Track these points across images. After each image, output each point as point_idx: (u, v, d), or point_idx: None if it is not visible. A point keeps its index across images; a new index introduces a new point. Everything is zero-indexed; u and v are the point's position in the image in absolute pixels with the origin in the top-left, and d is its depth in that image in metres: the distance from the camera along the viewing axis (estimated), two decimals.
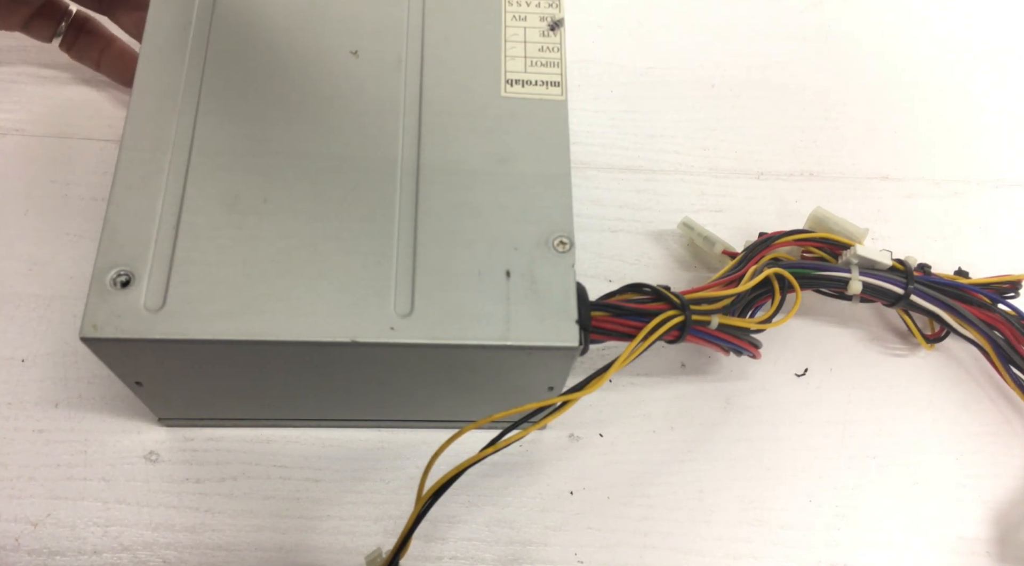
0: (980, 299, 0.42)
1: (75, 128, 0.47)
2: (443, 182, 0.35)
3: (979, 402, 0.44)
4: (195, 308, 0.32)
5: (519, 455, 0.41)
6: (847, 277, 0.41)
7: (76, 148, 0.46)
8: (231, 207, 0.34)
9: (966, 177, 0.52)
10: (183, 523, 0.38)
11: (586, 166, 0.49)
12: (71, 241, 0.44)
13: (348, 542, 0.38)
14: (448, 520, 0.39)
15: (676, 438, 0.42)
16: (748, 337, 0.39)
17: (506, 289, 0.33)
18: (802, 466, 0.42)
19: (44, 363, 0.41)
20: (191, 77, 0.36)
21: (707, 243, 0.45)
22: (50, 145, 0.46)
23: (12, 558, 0.37)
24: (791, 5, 0.58)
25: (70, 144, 0.46)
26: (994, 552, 0.41)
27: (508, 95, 0.38)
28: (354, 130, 0.36)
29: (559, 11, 0.40)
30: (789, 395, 0.44)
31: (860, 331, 0.46)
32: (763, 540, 0.40)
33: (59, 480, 0.38)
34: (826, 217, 0.44)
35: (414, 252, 0.34)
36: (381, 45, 0.38)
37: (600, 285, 0.44)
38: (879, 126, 0.53)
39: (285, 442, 0.40)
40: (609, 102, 0.52)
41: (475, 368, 0.35)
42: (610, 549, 0.39)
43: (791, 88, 0.54)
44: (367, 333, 0.32)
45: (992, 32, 0.58)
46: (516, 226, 0.35)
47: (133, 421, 0.40)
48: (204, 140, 0.35)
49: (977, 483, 0.42)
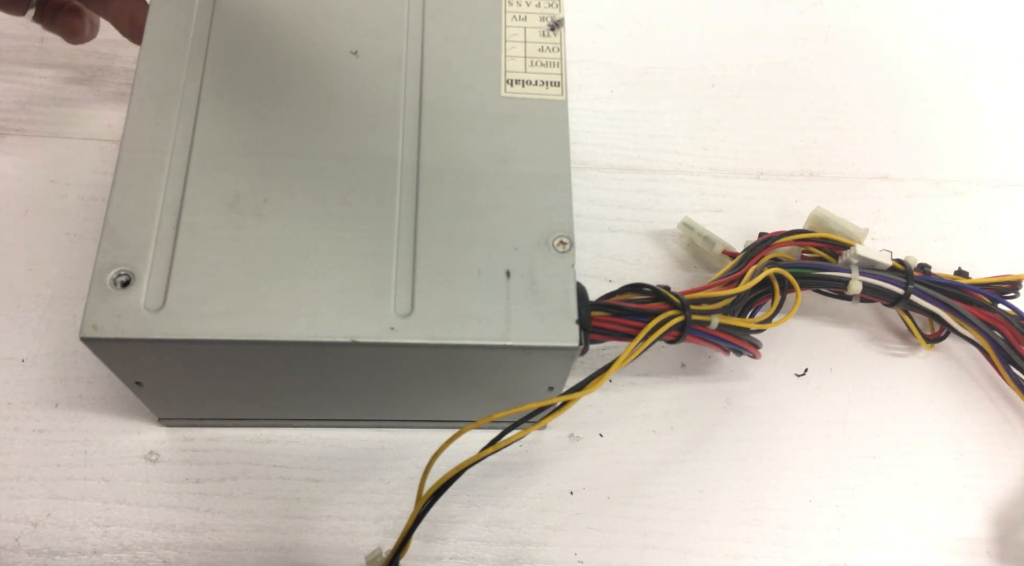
0: (980, 299, 0.42)
1: (75, 128, 0.47)
2: (443, 182, 0.35)
3: (979, 402, 0.44)
4: (195, 308, 0.32)
5: (519, 455, 0.41)
6: (847, 277, 0.41)
7: (76, 148, 0.46)
8: (231, 207, 0.34)
9: (966, 177, 0.52)
10: (183, 523, 0.38)
11: (586, 166, 0.49)
12: (71, 241, 0.44)
13: (348, 542, 0.38)
14: (448, 520, 0.39)
15: (676, 438, 0.42)
16: (748, 337, 0.39)
17: (506, 289, 0.33)
18: (802, 466, 0.42)
19: (44, 363, 0.41)
20: (191, 77, 0.36)
21: (707, 243, 0.45)
22: (50, 145, 0.46)
23: (12, 558, 0.37)
24: (791, 5, 0.58)
25: (70, 144, 0.46)
26: (994, 552, 0.41)
27: (508, 95, 0.38)
28: (354, 130, 0.36)
29: (559, 11, 0.40)
30: (789, 395, 0.44)
31: (860, 331, 0.46)
32: (763, 540, 0.40)
33: (59, 480, 0.38)
34: (826, 217, 0.44)
35: (414, 252, 0.34)
36: (381, 45, 0.38)
37: (600, 285, 0.44)
38: (879, 126, 0.53)
39: (285, 442, 0.40)
40: (609, 102, 0.52)
41: (475, 368, 0.35)
42: (610, 549, 0.39)
43: (791, 88, 0.54)
44: (367, 333, 0.32)
45: (992, 32, 0.58)
46: (516, 226, 0.35)
47: (133, 421, 0.40)
48: (204, 140, 0.35)
49: (977, 483, 0.42)
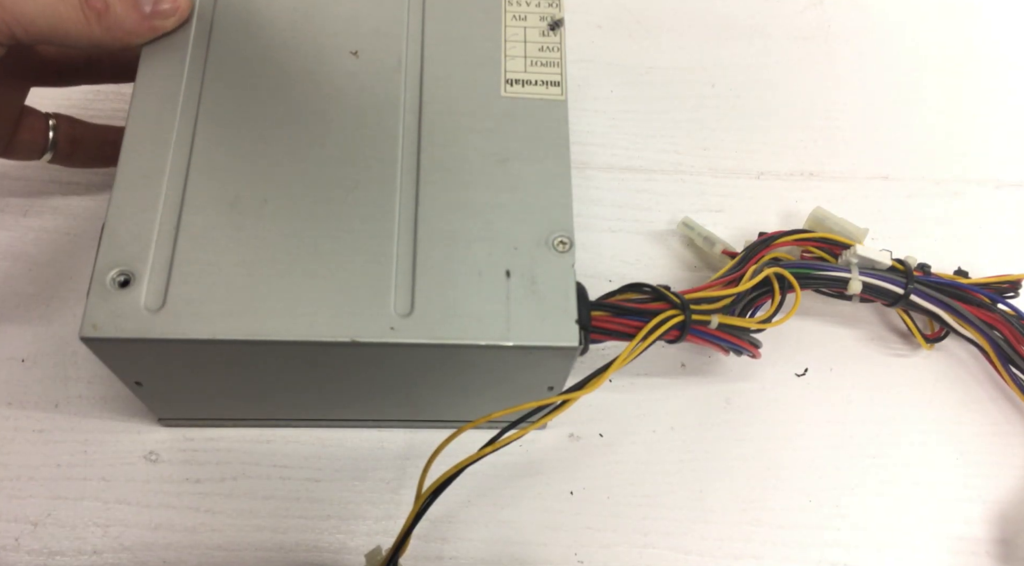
0: (980, 299, 0.42)
1: None
2: (443, 182, 0.35)
3: (979, 402, 0.44)
4: (195, 308, 0.32)
5: (519, 455, 0.41)
6: (847, 277, 0.41)
7: None
8: (231, 207, 0.34)
9: (966, 177, 0.52)
10: (183, 523, 0.38)
11: (586, 166, 0.49)
12: (71, 241, 0.44)
13: (348, 542, 0.38)
14: (448, 520, 0.39)
15: (676, 438, 0.42)
16: (748, 337, 0.39)
17: (506, 289, 0.33)
18: (802, 466, 0.42)
19: (44, 363, 0.41)
20: (191, 77, 0.36)
21: (707, 243, 0.45)
22: None
23: (12, 558, 0.37)
24: (791, 5, 0.58)
25: None
26: (994, 552, 0.41)
27: (508, 95, 0.38)
28: (354, 130, 0.36)
29: (559, 11, 0.40)
30: (789, 395, 0.44)
31: (860, 331, 0.46)
32: (763, 540, 0.40)
33: (59, 480, 0.38)
34: (826, 217, 0.44)
35: (414, 252, 0.34)
36: (381, 45, 0.38)
37: (600, 285, 0.44)
38: (879, 126, 0.53)
39: (285, 442, 0.40)
40: (609, 102, 0.52)
41: (475, 368, 0.35)
42: (610, 549, 0.39)
43: (791, 88, 0.54)
44: (367, 333, 0.32)
45: (992, 32, 0.58)
46: (516, 226, 0.35)
47: (133, 421, 0.40)
48: (204, 140, 0.35)
49: (977, 483, 0.42)
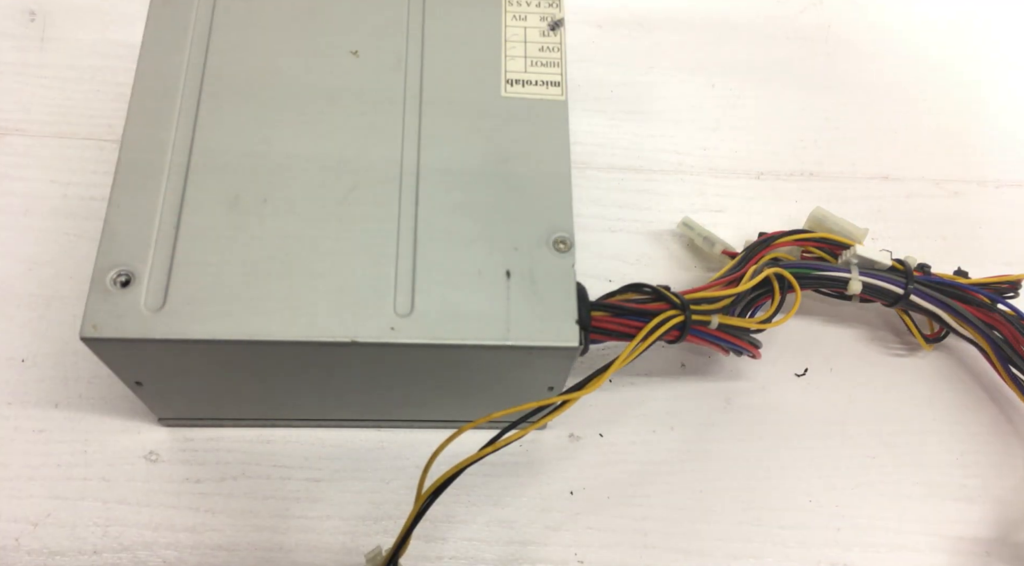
0: (979, 299, 0.42)
1: (75, 128, 0.47)
2: (443, 182, 0.35)
3: (979, 402, 0.44)
4: (195, 308, 0.32)
5: (519, 455, 0.41)
6: (847, 277, 0.41)
7: (76, 148, 0.46)
8: (231, 207, 0.34)
9: (966, 177, 0.52)
10: (183, 523, 0.38)
11: (586, 166, 0.49)
12: (71, 241, 0.44)
13: (348, 542, 0.38)
14: (448, 520, 0.39)
15: (676, 438, 0.42)
16: (748, 337, 0.39)
17: (506, 289, 0.33)
18: (802, 466, 0.42)
19: (44, 363, 0.41)
20: (191, 77, 0.36)
21: (707, 243, 0.45)
22: (50, 145, 0.46)
23: (12, 558, 0.37)
24: (791, 5, 0.58)
25: (70, 144, 0.46)
26: (994, 552, 0.41)
27: (508, 95, 0.38)
28: (354, 130, 0.36)
29: (559, 11, 0.40)
30: (789, 395, 0.44)
31: (860, 331, 0.46)
32: (763, 540, 0.40)
33: (59, 480, 0.38)
34: (826, 217, 0.44)
35: (414, 252, 0.34)
36: (381, 45, 0.38)
37: (600, 285, 0.44)
38: (879, 126, 0.53)
39: (285, 442, 0.40)
40: (609, 102, 0.52)
41: (475, 368, 0.35)
42: (610, 549, 0.39)
43: (791, 88, 0.54)
44: (367, 333, 0.32)
45: (992, 32, 0.58)
46: (516, 226, 0.35)
47: (133, 421, 0.40)
48: (204, 140, 0.35)
49: (977, 483, 0.42)
